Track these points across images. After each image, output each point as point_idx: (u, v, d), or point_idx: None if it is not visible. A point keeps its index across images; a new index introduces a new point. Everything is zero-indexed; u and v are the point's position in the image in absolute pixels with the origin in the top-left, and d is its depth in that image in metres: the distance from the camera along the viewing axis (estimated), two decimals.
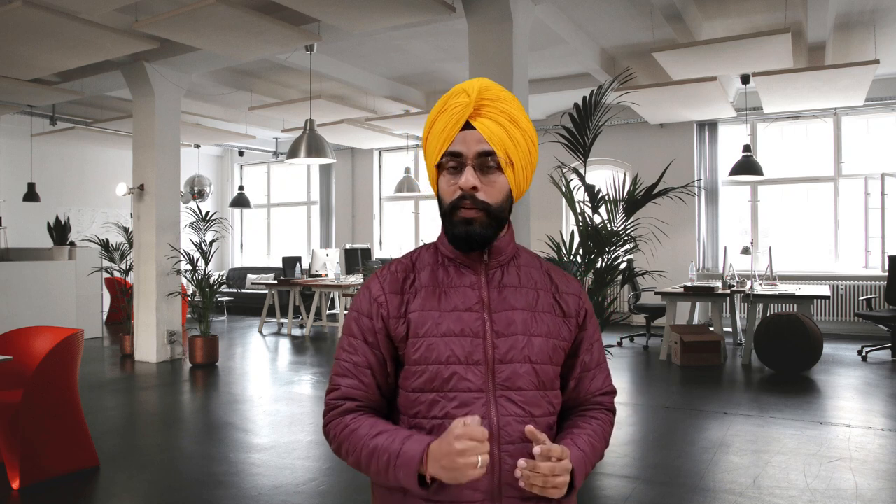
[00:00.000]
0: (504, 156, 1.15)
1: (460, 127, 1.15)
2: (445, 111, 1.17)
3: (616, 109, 6.21)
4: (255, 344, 8.59)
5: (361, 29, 5.46)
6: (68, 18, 5.07)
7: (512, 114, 1.17)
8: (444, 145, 1.16)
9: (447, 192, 1.17)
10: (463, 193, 1.15)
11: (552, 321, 1.22)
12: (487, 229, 1.16)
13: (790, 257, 9.09)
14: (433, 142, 1.19)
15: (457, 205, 1.16)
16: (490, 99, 1.16)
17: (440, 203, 1.20)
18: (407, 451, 1.09)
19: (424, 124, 1.24)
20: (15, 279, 7.54)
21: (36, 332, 3.96)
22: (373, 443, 1.13)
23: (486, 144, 1.14)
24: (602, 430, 1.26)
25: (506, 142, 1.15)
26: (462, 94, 1.16)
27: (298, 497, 3.43)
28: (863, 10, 6.05)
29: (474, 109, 1.15)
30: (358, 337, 1.21)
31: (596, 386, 1.29)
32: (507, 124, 1.16)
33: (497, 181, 1.16)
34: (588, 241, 4.20)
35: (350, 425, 1.17)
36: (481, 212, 1.15)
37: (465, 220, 1.15)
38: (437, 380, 1.15)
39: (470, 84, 1.18)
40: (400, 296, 1.21)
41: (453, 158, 1.16)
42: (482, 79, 1.19)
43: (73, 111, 9.42)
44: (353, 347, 1.21)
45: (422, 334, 1.17)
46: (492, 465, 1.14)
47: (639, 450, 4.20)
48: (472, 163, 1.15)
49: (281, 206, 13.37)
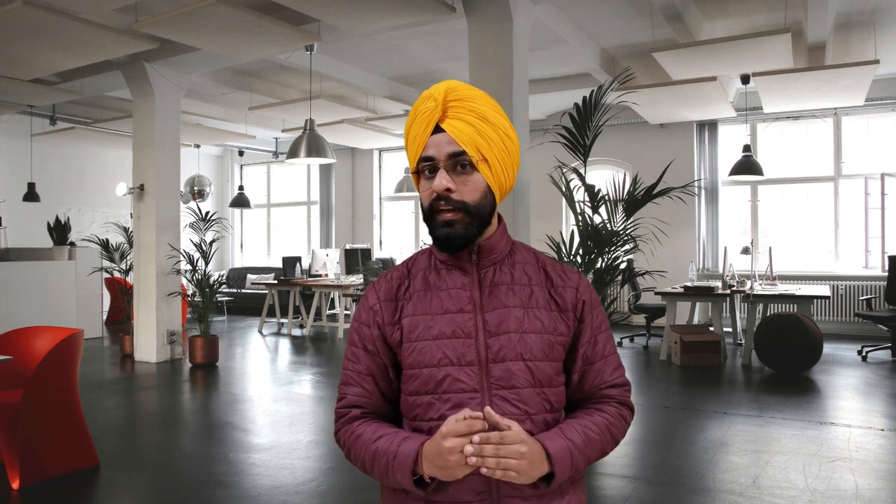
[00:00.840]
0: (476, 153, 1.16)
1: (430, 132, 1.17)
2: (416, 118, 1.19)
3: (616, 109, 6.21)
4: (255, 344, 8.59)
5: (361, 29, 5.46)
6: (68, 18, 5.07)
7: (480, 111, 1.18)
8: (419, 152, 1.19)
9: (425, 196, 1.20)
10: (438, 196, 1.17)
11: (547, 317, 1.22)
12: (469, 228, 1.17)
13: (790, 257, 9.09)
14: (409, 150, 1.22)
15: (434, 208, 1.18)
16: (456, 100, 1.18)
17: (422, 208, 1.23)
18: (402, 451, 1.12)
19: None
20: (15, 279, 7.54)
21: (36, 332, 3.96)
22: (374, 446, 1.16)
23: (455, 145, 1.16)
24: (605, 422, 1.21)
25: (476, 139, 1.16)
26: (429, 100, 1.18)
27: (298, 497, 3.43)
28: (863, 10, 6.05)
29: (442, 112, 1.17)
30: (359, 346, 1.25)
31: (602, 379, 1.25)
32: (476, 122, 1.17)
33: (471, 180, 1.17)
34: (588, 241, 4.20)
35: (356, 431, 1.21)
36: (459, 212, 1.16)
37: (445, 223, 1.17)
38: (430, 382, 1.17)
39: (436, 88, 1.19)
40: (394, 303, 1.24)
41: (427, 163, 1.18)
42: (449, 81, 1.21)
43: (73, 111, 9.42)
44: (355, 357, 1.25)
45: (414, 338, 1.19)
46: None
47: (639, 450, 4.20)
48: (443, 165, 1.16)
49: (281, 206, 13.37)
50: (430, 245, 1.31)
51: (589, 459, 1.18)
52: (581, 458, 1.15)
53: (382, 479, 1.16)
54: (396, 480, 1.12)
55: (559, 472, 1.11)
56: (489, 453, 1.04)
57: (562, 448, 1.13)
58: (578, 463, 1.15)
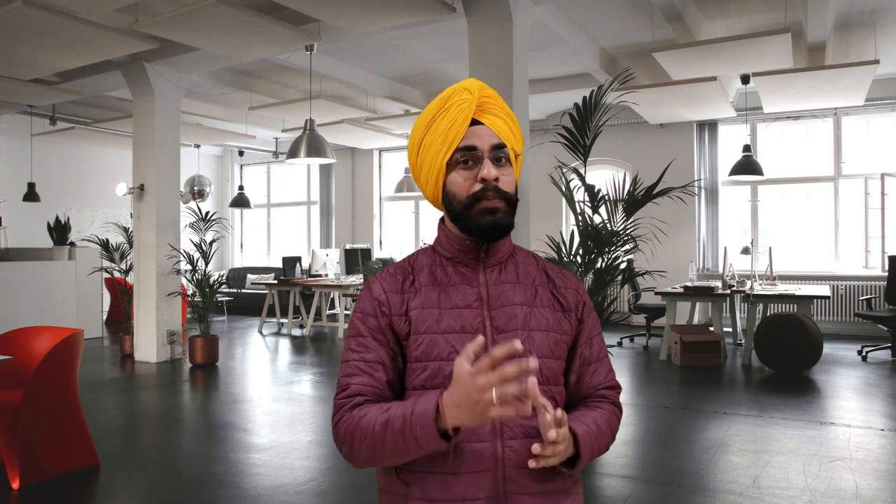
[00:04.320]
0: (512, 148, 1.21)
1: (468, 123, 1.18)
2: (448, 109, 1.19)
3: (616, 109, 6.21)
4: (255, 344, 8.59)
5: (361, 29, 5.46)
6: (68, 18, 5.07)
7: (508, 111, 1.23)
8: (455, 142, 1.18)
9: (464, 186, 1.19)
10: (486, 185, 1.17)
11: (552, 316, 1.24)
12: (509, 217, 1.20)
13: (790, 257, 9.09)
14: (436, 141, 1.19)
15: (479, 196, 1.18)
16: (488, 97, 1.22)
17: (452, 199, 1.20)
18: (419, 407, 1.06)
19: (415, 126, 1.25)
20: (15, 279, 7.54)
21: (36, 332, 3.96)
22: (385, 416, 1.10)
23: (496, 138, 1.19)
24: (607, 418, 1.25)
25: (510, 136, 1.21)
26: (464, 92, 1.20)
27: (298, 497, 3.43)
28: (863, 10, 6.05)
29: (477, 106, 1.19)
30: (367, 335, 1.20)
31: (598, 380, 1.29)
32: (508, 120, 1.22)
33: (508, 172, 1.21)
34: (588, 241, 4.20)
35: (358, 414, 1.14)
36: (503, 201, 1.18)
37: (489, 210, 1.18)
38: (438, 376, 1.16)
39: (469, 83, 1.22)
40: (400, 295, 1.22)
41: (466, 153, 1.18)
42: (474, 79, 1.24)
43: (73, 111, 9.42)
44: (362, 346, 1.20)
45: (423, 331, 1.18)
46: (495, 462, 1.14)
47: (639, 450, 4.20)
48: (487, 155, 1.18)
49: (281, 206, 13.37)
50: (429, 244, 1.31)
51: (599, 450, 1.21)
52: (595, 446, 1.19)
53: (397, 447, 1.08)
54: (416, 441, 1.05)
55: (584, 455, 1.15)
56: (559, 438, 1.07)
57: (586, 432, 1.17)
58: (594, 450, 1.19)
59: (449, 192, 1.21)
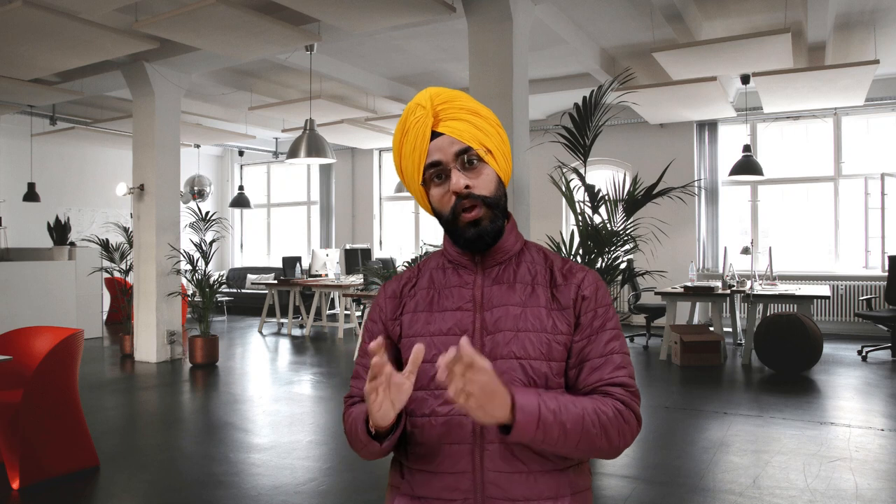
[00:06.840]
0: (480, 147, 1.18)
1: (428, 139, 1.17)
2: (408, 131, 1.19)
3: (616, 109, 6.21)
4: (255, 344, 8.59)
5: (361, 29, 5.46)
6: (68, 18, 5.07)
7: (470, 107, 1.20)
8: (422, 161, 1.18)
9: (443, 201, 1.19)
10: (458, 195, 1.17)
11: (547, 316, 1.20)
12: (495, 221, 1.19)
13: (790, 257, 9.09)
14: (408, 164, 1.21)
15: (457, 210, 1.18)
16: (444, 102, 1.19)
17: (440, 216, 1.22)
18: (360, 409, 1.19)
19: (393, 154, 1.26)
20: (15, 279, 7.54)
21: (36, 332, 3.96)
22: (353, 416, 1.21)
23: (459, 143, 1.17)
24: (595, 408, 1.12)
25: (476, 134, 1.18)
26: (418, 109, 1.19)
27: (298, 497, 3.43)
28: (863, 10, 6.05)
29: (434, 118, 1.18)
30: (367, 341, 1.28)
31: (598, 376, 1.17)
32: (470, 117, 1.19)
33: (482, 173, 1.19)
34: (588, 241, 4.20)
35: (348, 413, 1.26)
36: (482, 208, 1.18)
37: (471, 223, 1.18)
38: (423, 378, 1.17)
39: (420, 97, 1.20)
40: (398, 299, 1.28)
41: (435, 168, 1.18)
42: (430, 88, 1.23)
43: (73, 111, 9.42)
44: (363, 351, 1.27)
45: (411, 334, 1.23)
46: (473, 465, 1.15)
47: (639, 450, 4.20)
48: (453, 165, 1.17)
49: (281, 206, 13.37)
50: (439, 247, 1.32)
51: (566, 432, 1.07)
52: (554, 423, 1.06)
53: (360, 445, 1.19)
54: (362, 441, 1.17)
55: (521, 421, 1.03)
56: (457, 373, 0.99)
57: (530, 402, 1.05)
58: (549, 427, 1.05)
59: (435, 208, 1.22)
